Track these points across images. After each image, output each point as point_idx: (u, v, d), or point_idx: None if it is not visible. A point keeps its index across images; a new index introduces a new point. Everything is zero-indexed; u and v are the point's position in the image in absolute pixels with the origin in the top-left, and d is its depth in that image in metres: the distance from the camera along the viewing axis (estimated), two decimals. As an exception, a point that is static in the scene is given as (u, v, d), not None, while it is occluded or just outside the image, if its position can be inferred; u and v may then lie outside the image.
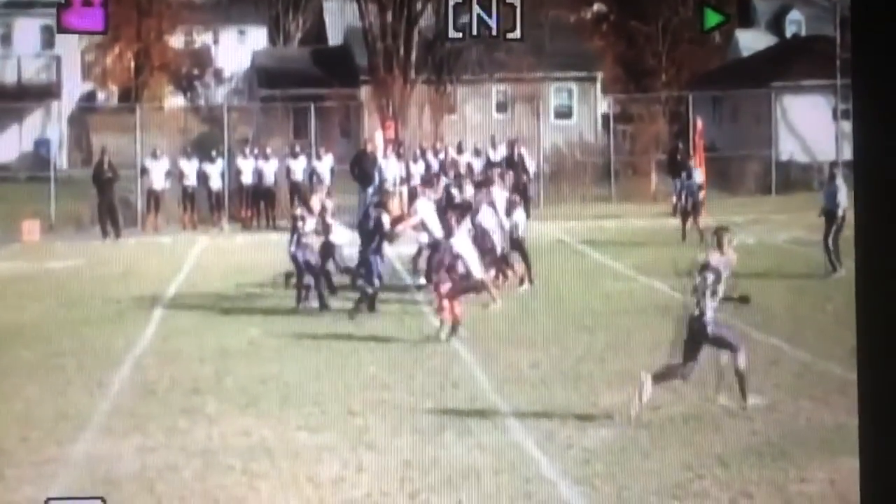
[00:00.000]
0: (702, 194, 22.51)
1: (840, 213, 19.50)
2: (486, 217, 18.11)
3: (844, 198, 19.46)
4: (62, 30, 12.72)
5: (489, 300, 16.81)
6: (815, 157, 29.55)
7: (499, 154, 25.44)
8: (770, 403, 12.49)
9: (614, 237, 22.15)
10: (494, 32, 13.54)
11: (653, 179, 27.83)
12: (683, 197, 22.20)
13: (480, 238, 17.70)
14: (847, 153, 29.95)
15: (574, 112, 30.47)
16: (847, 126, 30.34)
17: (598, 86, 30.76)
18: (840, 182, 20.10)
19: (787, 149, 29.30)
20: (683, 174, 22.53)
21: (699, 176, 22.89)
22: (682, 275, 18.26)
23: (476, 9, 13.32)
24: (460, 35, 13.94)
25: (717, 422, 12.11)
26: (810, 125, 30.04)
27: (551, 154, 28.14)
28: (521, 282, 18.45)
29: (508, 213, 18.55)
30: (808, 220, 22.44)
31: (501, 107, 29.58)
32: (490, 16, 13.36)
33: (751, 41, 33.71)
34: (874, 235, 5.87)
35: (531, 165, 24.18)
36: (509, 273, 18.36)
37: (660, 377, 12.34)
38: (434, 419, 12.33)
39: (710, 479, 10.62)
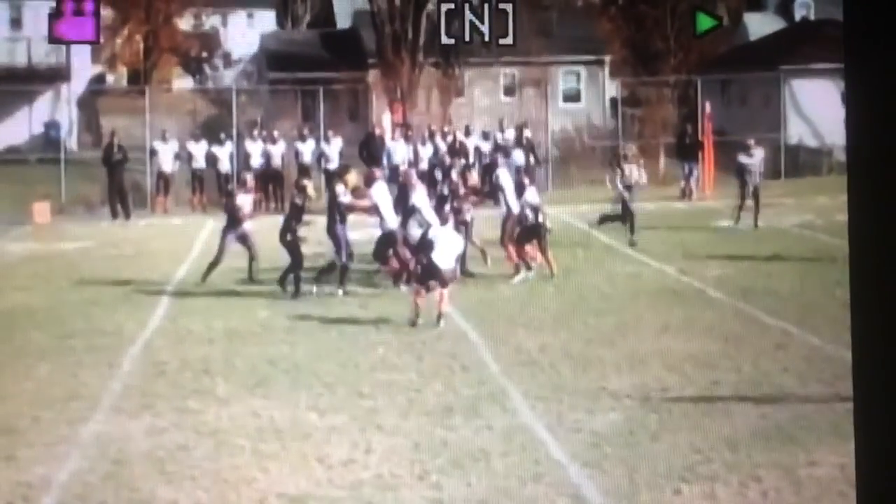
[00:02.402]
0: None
1: None
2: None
3: None
4: (54, 40, 12.74)
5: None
6: (824, 140, 29.51)
7: (507, 137, 25.43)
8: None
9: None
10: (487, 38, 13.54)
11: (661, 163, 27.82)
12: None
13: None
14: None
15: (582, 96, 30.46)
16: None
17: (607, 69, 30.74)
18: None
19: (796, 132, 29.27)
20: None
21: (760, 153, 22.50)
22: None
23: (468, 15, 13.33)
24: (452, 41, 13.94)
25: (726, 405, 12.10)
26: (819, 109, 29.97)
27: (560, 138, 28.13)
28: (517, 269, 18.05)
29: (519, 194, 18.47)
30: (816, 204, 22.50)
31: (509, 90, 29.57)
32: (482, 22, 13.37)
33: (760, 25, 33.64)
34: (868, 223, 5.87)
35: (540, 149, 24.14)
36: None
37: None
38: (443, 401, 12.34)
39: (718, 462, 10.60)
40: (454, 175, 19.20)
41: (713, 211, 23.56)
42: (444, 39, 13.96)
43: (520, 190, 18.48)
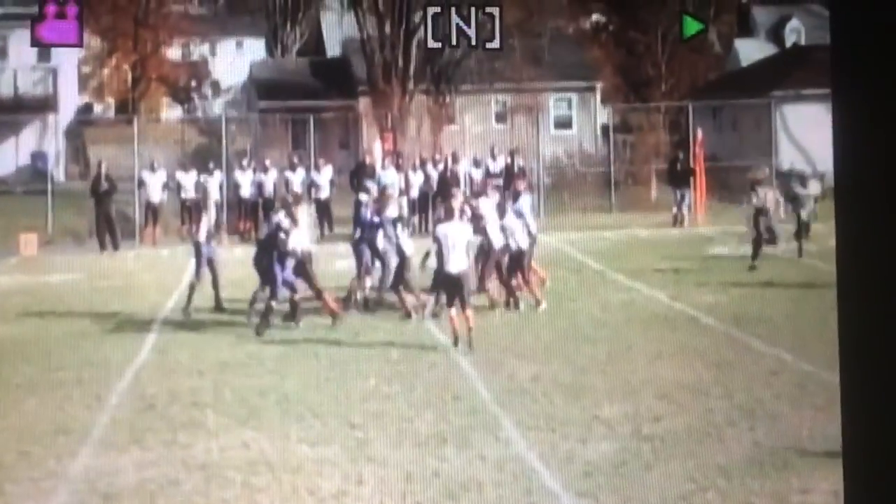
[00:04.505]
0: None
1: None
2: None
3: None
4: (36, 43, 12.67)
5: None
6: (816, 166, 29.49)
7: (498, 165, 25.40)
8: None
9: (615, 247, 22.10)
10: (473, 42, 13.52)
11: (653, 189, 27.80)
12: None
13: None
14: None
15: (574, 122, 30.44)
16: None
17: (598, 95, 30.72)
18: None
19: (788, 158, 29.24)
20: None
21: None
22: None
23: (455, 19, 13.31)
24: (439, 45, 13.92)
25: (719, 432, 12.06)
26: (811, 135, 29.97)
27: (551, 164, 28.10)
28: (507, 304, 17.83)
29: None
30: (810, 230, 22.39)
31: (501, 117, 29.54)
32: (469, 26, 13.34)
33: (750, 50, 33.69)
34: (855, 244, 5.81)
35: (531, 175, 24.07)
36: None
37: None
38: (435, 431, 12.27)
39: (713, 490, 10.55)
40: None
41: (705, 238, 23.54)
42: (431, 43, 13.89)
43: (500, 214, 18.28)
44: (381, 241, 17.83)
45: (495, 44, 13.67)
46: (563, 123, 30.33)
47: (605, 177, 27.30)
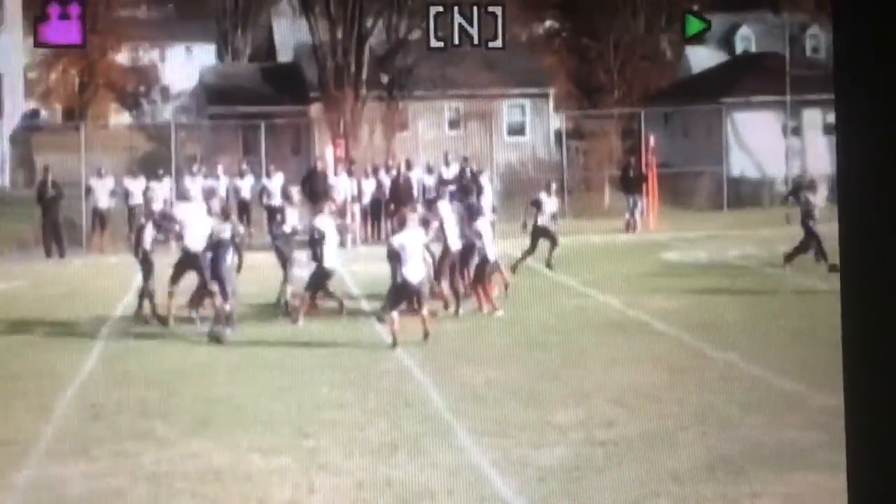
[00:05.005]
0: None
1: None
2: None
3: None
4: (39, 44, 12.60)
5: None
6: (766, 172, 29.72)
7: (452, 171, 25.35)
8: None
9: (568, 253, 22.06)
10: (476, 41, 13.51)
11: (606, 195, 27.88)
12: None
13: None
14: (796, 169, 30.17)
15: (527, 128, 30.50)
16: (796, 142, 30.60)
17: (551, 102, 30.80)
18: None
19: (739, 165, 29.46)
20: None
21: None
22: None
23: (458, 18, 13.30)
24: (442, 45, 13.91)
25: (671, 437, 12.02)
26: (761, 141, 30.23)
27: (505, 171, 28.12)
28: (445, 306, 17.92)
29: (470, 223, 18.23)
30: (759, 236, 22.58)
31: (454, 123, 29.55)
32: (472, 25, 13.34)
33: (701, 58, 33.94)
34: (858, 252, 5.77)
35: (485, 183, 24.01)
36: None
37: None
38: (387, 439, 12.16)
39: (664, 495, 10.50)
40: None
41: (658, 243, 23.60)
42: (433, 43, 13.86)
43: (472, 217, 18.26)
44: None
45: (498, 43, 13.69)
46: (517, 130, 30.38)
47: (559, 183, 27.31)
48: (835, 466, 10.77)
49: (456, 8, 13.52)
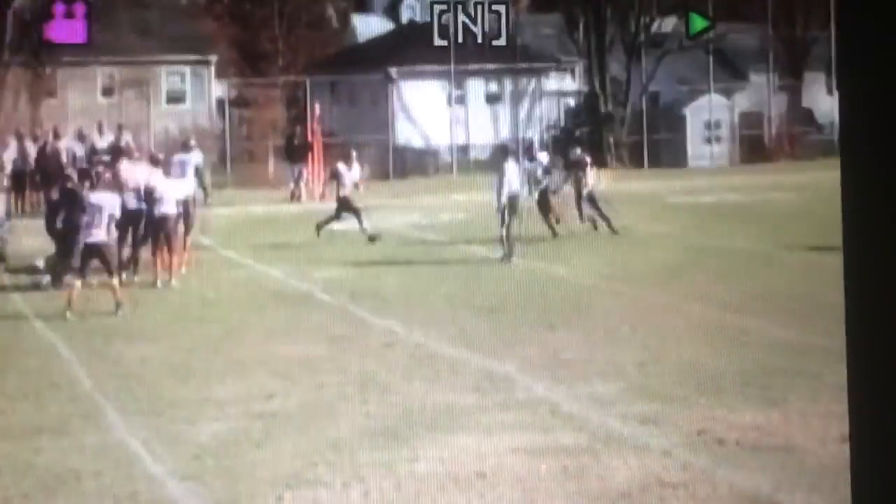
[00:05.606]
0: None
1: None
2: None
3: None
4: (45, 42, 11.93)
5: None
6: (430, 142, 30.21)
7: (106, 140, 24.45)
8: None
9: (230, 224, 21.71)
10: (480, 39, 13.34)
11: (270, 165, 27.64)
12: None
13: None
14: (461, 138, 30.86)
15: (188, 97, 29.78)
16: (460, 111, 31.26)
17: (213, 70, 30.17)
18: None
19: (404, 134, 29.79)
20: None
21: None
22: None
23: (461, 17, 13.08)
24: (445, 43, 13.62)
25: (331, 407, 11.98)
26: (426, 111, 30.69)
27: (163, 139, 27.35)
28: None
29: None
30: (423, 204, 22.87)
31: (108, 91, 28.50)
32: (475, 23, 13.13)
33: (368, 26, 34.07)
34: (862, 224, 5.68)
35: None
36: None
37: None
38: (29, 423, 11.53)
39: (323, 465, 10.43)
40: None
41: (323, 213, 23.56)
42: (437, 41, 13.44)
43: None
44: None
45: (502, 41, 13.49)
46: (176, 98, 29.63)
47: (221, 153, 26.86)
48: (490, 428, 11.10)
49: (459, 7, 13.30)
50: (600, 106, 31.49)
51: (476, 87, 31.50)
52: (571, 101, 33.12)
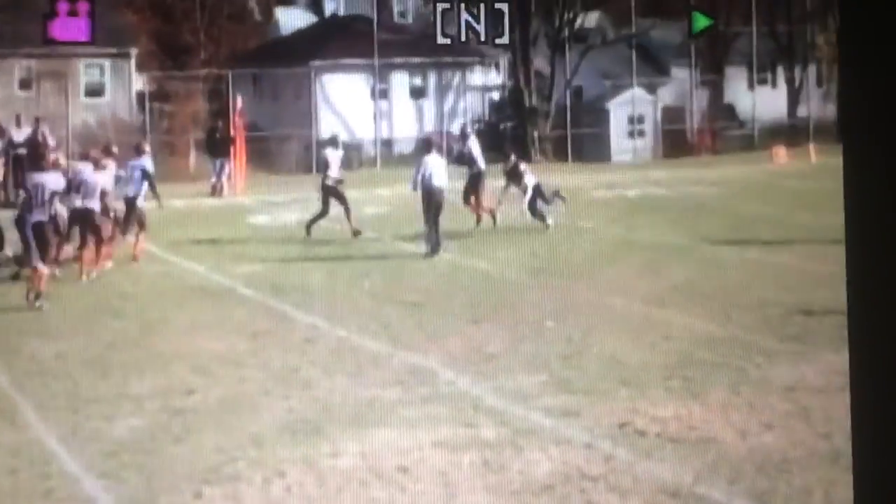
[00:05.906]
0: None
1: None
2: None
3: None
4: (48, 41, 11.74)
5: None
6: (354, 135, 30.08)
7: (24, 134, 24.05)
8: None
9: (150, 218, 21.39)
10: (483, 38, 13.21)
11: (192, 159, 27.37)
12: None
13: None
14: (385, 131, 30.78)
15: (107, 89, 29.38)
16: (384, 105, 31.17)
17: (133, 62, 29.78)
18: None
19: (328, 128, 29.59)
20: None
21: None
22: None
23: (464, 15, 12.94)
24: (448, 41, 13.47)
25: (253, 402, 11.86)
26: (349, 104, 30.56)
27: (82, 132, 26.97)
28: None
29: None
30: (348, 198, 22.61)
31: (25, 83, 28.06)
32: (478, 22, 12.98)
33: (291, 19, 33.84)
34: (864, 216, 5.59)
35: (52, 142, 22.90)
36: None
37: None
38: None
39: (243, 460, 10.33)
40: None
41: (245, 207, 23.39)
42: (440, 39, 13.26)
43: None
44: None
45: (504, 39, 13.36)
46: (96, 91, 29.23)
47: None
48: (413, 422, 11.05)
49: (462, 5, 13.14)
50: (525, 100, 31.59)
51: (400, 81, 31.43)
52: (496, 96, 33.18)
